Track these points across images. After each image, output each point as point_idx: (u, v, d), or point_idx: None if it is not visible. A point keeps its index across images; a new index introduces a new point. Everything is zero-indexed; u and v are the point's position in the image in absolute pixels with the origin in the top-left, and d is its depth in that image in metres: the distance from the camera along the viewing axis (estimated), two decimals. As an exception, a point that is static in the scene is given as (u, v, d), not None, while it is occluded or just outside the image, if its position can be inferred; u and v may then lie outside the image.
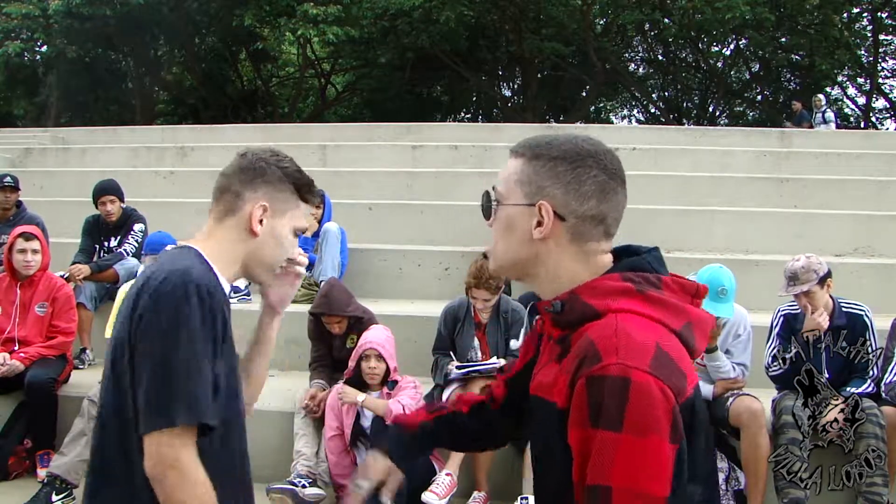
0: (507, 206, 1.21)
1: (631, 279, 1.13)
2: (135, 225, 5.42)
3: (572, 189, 1.15)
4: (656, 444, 1.00)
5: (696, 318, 1.15)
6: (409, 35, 19.22)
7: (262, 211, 1.53)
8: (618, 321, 1.08)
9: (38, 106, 22.62)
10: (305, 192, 1.60)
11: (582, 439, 1.03)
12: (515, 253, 1.21)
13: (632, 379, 1.01)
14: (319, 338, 4.24)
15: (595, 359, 1.04)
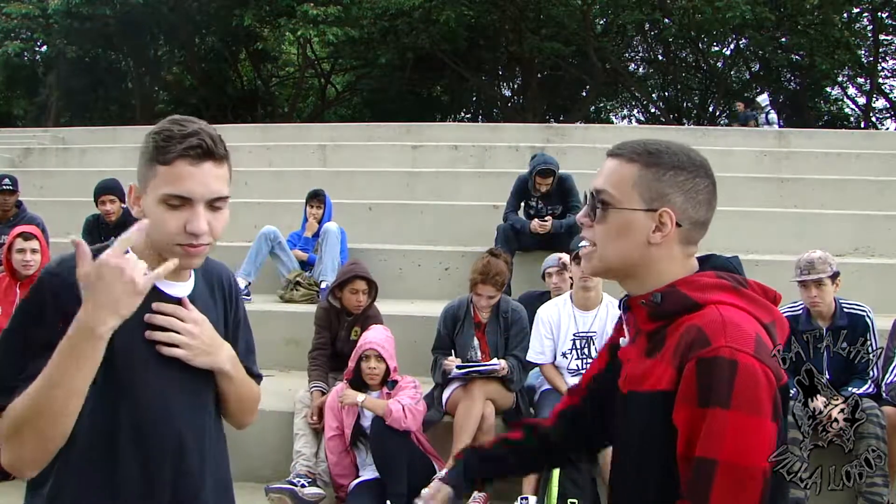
0: (623, 211, 1.24)
1: (725, 277, 1.23)
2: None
3: (690, 197, 1.23)
4: (761, 422, 1.10)
5: (779, 318, 1.25)
6: (409, 35, 19.23)
7: (134, 193, 1.37)
8: (720, 311, 1.16)
9: (38, 106, 22.62)
10: (157, 151, 1.31)
11: (691, 416, 1.10)
12: (627, 255, 1.25)
13: (739, 361, 1.09)
14: (327, 325, 4.26)
15: (704, 342, 1.11)
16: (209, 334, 1.43)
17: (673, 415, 1.12)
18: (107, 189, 5.45)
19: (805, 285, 3.71)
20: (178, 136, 1.31)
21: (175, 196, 1.31)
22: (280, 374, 4.82)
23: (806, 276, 3.69)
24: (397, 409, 3.58)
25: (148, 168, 1.33)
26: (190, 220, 1.32)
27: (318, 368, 4.14)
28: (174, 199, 1.31)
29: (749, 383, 1.09)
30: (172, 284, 1.41)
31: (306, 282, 5.44)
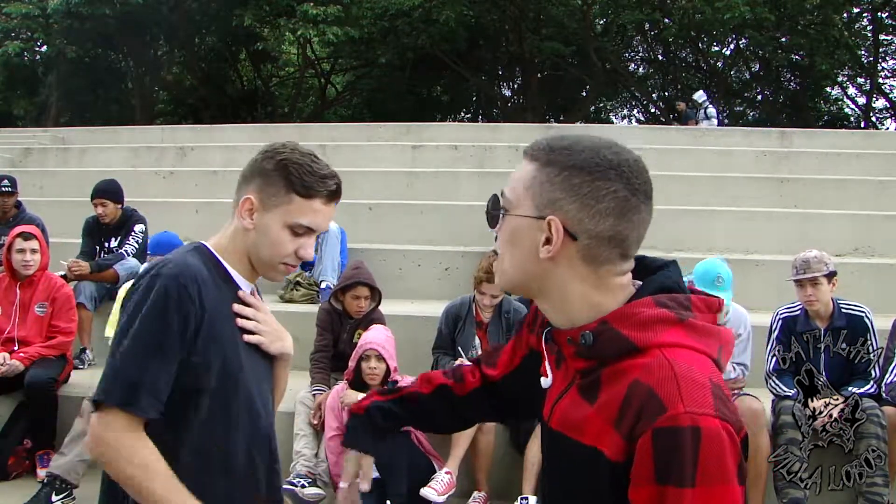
0: (514, 217, 1.08)
1: (665, 304, 1.02)
2: (135, 226, 5.41)
3: (587, 205, 1.02)
4: (729, 490, 0.96)
5: (726, 339, 1.08)
6: (409, 35, 19.22)
7: (248, 204, 1.48)
8: (669, 360, 0.98)
9: (38, 106, 22.63)
10: (299, 184, 1.46)
11: (650, 496, 0.95)
12: (522, 269, 1.08)
13: (701, 427, 0.93)
14: (329, 327, 4.25)
15: (659, 409, 0.95)
16: (276, 323, 1.61)
17: (630, 493, 0.98)
18: (100, 192, 5.35)
19: (801, 284, 3.71)
20: (319, 176, 1.48)
21: (305, 227, 1.48)
22: (280, 374, 4.82)
23: (801, 275, 3.69)
24: (397, 409, 3.58)
25: (281, 193, 1.46)
26: (303, 246, 1.50)
27: (320, 371, 4.13)
28: (301, 229, 1.48)
29: (714, 453, 0.94)
30: (247, 285, 1.56)
31: (306, 282, 5.44)
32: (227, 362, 1.44)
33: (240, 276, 1.53)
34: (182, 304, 1.37)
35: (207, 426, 1.43)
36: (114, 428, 1.34)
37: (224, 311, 1.47)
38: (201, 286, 1.40)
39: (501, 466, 3.84)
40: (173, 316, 1.36)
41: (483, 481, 3.75)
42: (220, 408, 1.44)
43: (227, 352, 1.45)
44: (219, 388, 1.43)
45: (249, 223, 1.48)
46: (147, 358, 1.35)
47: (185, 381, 1.39)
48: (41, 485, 3.77)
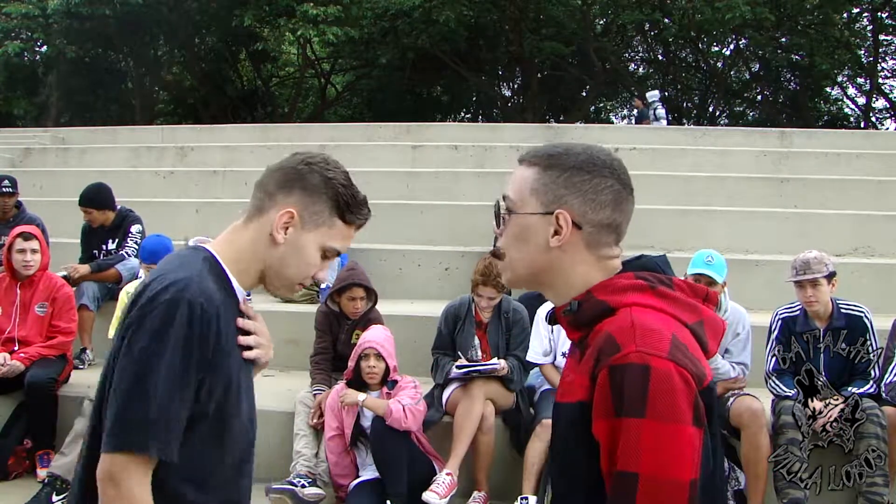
0: (522, 216, 1.21)
1: (643, 277, 1.16)
2: (132, 227, 5.36)
3: (589, 198, 1.18)
4: (680, 429, 1.02)
5: (709, 317, 1.17)
6: (409, 35, 19.21)
7: (287, 218, 1.38)
8: (633, 313, 1.10)
9: (38, 106, 22.61)
10: (346, 210, 1.43)
11: (608, 429, 1.05)
12: (531, 261, 1.21)
13: (651, 366, 1.03)
14: (327, 329, 4.25)
15: (614, 349, 1.06)
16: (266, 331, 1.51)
17: (592, 428, 1.07)
18: (83, 201, 5.27)
19: (801, 285, 3.70)
20: (360, 202, 1.46)
21: (336, 252, 1.45)
22: (280, 374, 4.82)
23: (801, 276, 3.68)
24: (397, 409, 3.58)
25: (325, 214, 1.42)
26: (323, 269, 1.47)
27: (321, 373, 4.13)
28: (332, 252, 1.45)
29: (664, 389, 1.02)
30: (242, 292, 1.46)
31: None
32: (230, 386, 1.37)
33: (238, 286, 1.43)
34: (204, 336, 1.29)
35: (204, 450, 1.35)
36: (132, 474, 1.25)
37: (232, 335, 1.38)
38: (220, 313, 1.32)
39: (501, 466, 3.84)
40: (196, 349, 1.28)
41: (483, 481, 3.75)
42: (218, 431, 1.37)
43: (231, 374, 1.37)
44: (218, 411, 1.35)
45: (283, 237, 1.39)
46: (172, 396, 1.26)
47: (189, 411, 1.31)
48: (41, 485, 3.78)
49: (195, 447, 1.33)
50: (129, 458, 1.25)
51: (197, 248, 1.44)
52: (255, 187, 1.45)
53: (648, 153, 8.77)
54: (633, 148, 8.77)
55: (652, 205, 6.60)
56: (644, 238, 6.18)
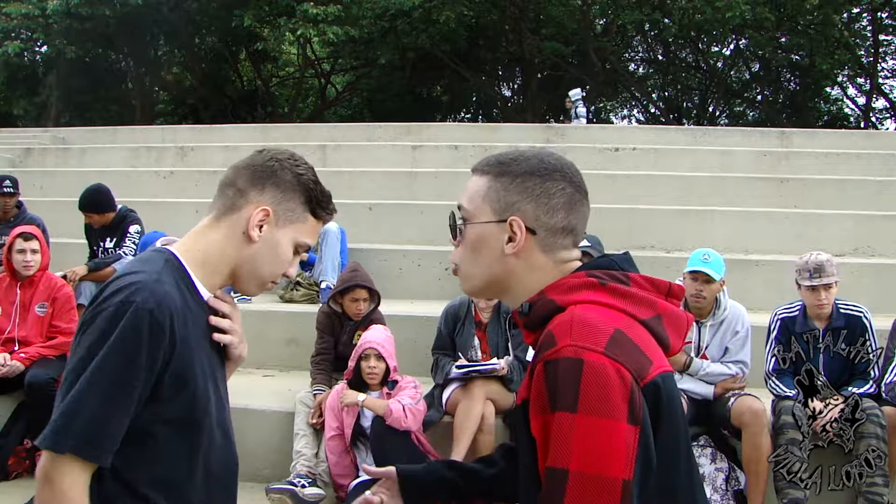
0: (476, 225, 1.21)
1: (595, 275, 1.15)
2: (130, 227, 5.34)
3: (542, 203, 1.17)
4: (614, 426, 0.99)
5: (668, 311, 1.15)
6: (409, 35, 19.22)
7: (262, 215, 1.39)
8: (575, 311, 1.09)
9: (38, 106, 22.60)
10: (318, 205, 1.44)
11: (542, 424, 1.03)
12: (488, 270, 1.21)
13: (585, 360, 1.01)
14: (329, 330, 4.25)
15: (550, 343, 1.06)
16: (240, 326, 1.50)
17: (531, 425, 1.06)
18: (82, 206, 5.26)
19: (814, 289, 3.67)
20: (329, 198, 1.47)
21: (307, 247, 1.47)
22: (280, 374, 4.83)
23: (817, 280, 3.64)
24: (397, 409, 3.58)
25: (299, 211, 1.43)
26: (293, 265, 1.47)
27: (321, 373, 4.13)
28: (303, 248, 1.46)
29: (597, 383, 0.99)
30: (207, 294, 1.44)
31: (306, 282, 5.45)
32: (193, 393, 1.33)
33: (204, 288, 1.41)
34: (154, 340, 1.25)
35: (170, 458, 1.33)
36: (65, 474, 1.23)
37: (192, 338, 1.34)
38: (175, 317, 1.28)
39: (501, 466, 3.84)
40: (143, 354, 1.24)
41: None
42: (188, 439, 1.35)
43: (196, 380, 1.34)
44: (185, 418, 1.33)
45: (258, 235, 1.39)
46: (108, 402, 1.22)
47: (147, 416, 1.28)
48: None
49: (163, 454, 1.32)
50: (61, 459, 1.23)
51: (161, 250, 1.42)
52: (222, 185, 1.43)
53: (648, 153, 8.77)
54: (633, 148, 8.77)
55: (652, 205, 6.61)
56: (644, 238, 6.18)
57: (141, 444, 1.30)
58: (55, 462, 1.24)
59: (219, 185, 1.45)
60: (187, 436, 1.35)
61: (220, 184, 1.44)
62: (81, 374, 1.24)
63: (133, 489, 1.30)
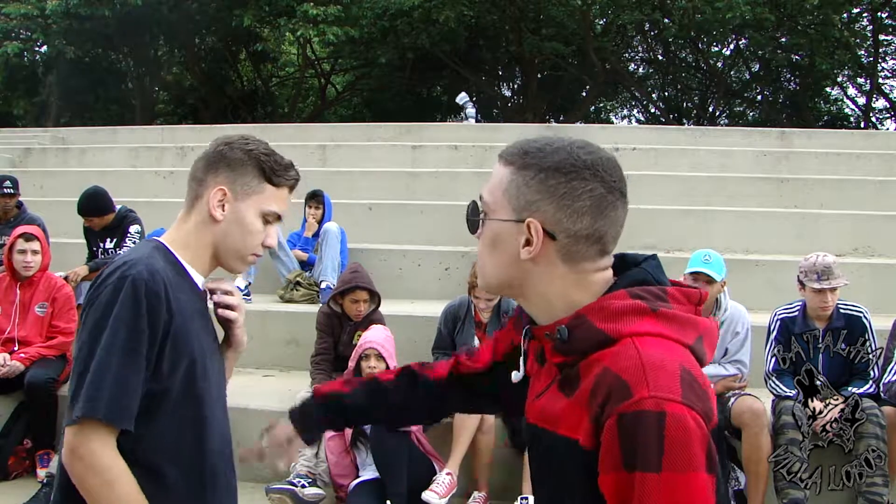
0: (494, 221, 1.10)
1: (639, 296, 1.04)
2: (130, 227, 5.32)
3: (565, 205, 1.04)
4: (696, 478, 0.95)
5: (705, 328, 1.09)
6: (409, 35, 19.20)
7: (220, 195, 1.48)
8: (638, 348, 0.99)
9: (38, 106, 22.60)
10: (272, 173, 1.50)
11: (617, 483, 0.96)
12: (504, 272, 1.11)
13: (667, 412, 0.94)
14: (329, 330, 4.25)
15: (625, 394, 0.96)
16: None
17: (598, 479, 0.99)
18: (82, 211, 5.23)
19: (821, 291, 3.66)
20: (285, 166, 1.53)
21: (276, 214, 1.52)
22: (280, 374, 4.83)
23: (826, 283, 3.64)
24: (397, 409, 3.58)
25: (254, 183, 1.49)
26: (270, 235, 1.54)
27: (321, 373, 4.14)
28: (272, 216, 1.51)
29: (680, 438, 0.94)
30: (201, 279, 1.54)
31: (306, 282, 5.44)
32: (192, 365, 1.43)
33: (195, 272, 1.51)
34: (153, 308, 1.35)
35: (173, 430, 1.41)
36: (91, 441, 1.32)
37: (187, 311, 1.44)
38: (169, 288, 1.38)
39: (501, 466, 3.84)
40: (144, 321, 1.34)
41: (483, 481, 3.75)
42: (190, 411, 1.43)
43: (193, 352, 1.43)
44: (186, 390, 1.42)
45: (221, 214, 1.48)
46: (123, 367, 1.32)
47: (153, 387, 1.37)
48: (41, 485, 3.78)
49: (168, 426, 1.40)
50: (85, 428, 1.32)
51: (149, 240, 1.55)
52: (188, 180, 1.54)
53: (648, 153, 8.77)
54: (633, 148, 8.77)
55: (652, 205, 6.60)
56: (644, 238, 6.18)
57: (148, 416, 1.37)
58: (83, 435, 1.32)
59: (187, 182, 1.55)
60: (190, 407, 1.43)
61: (187, 180, 1.54)
62: (93, 347, 1.33)
63: (144, 460, 1.37)
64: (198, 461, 1.45)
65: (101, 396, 1.30)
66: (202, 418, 1.45)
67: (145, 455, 1.38)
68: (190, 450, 1.44)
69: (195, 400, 1.44)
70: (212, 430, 1.47)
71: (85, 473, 1.32)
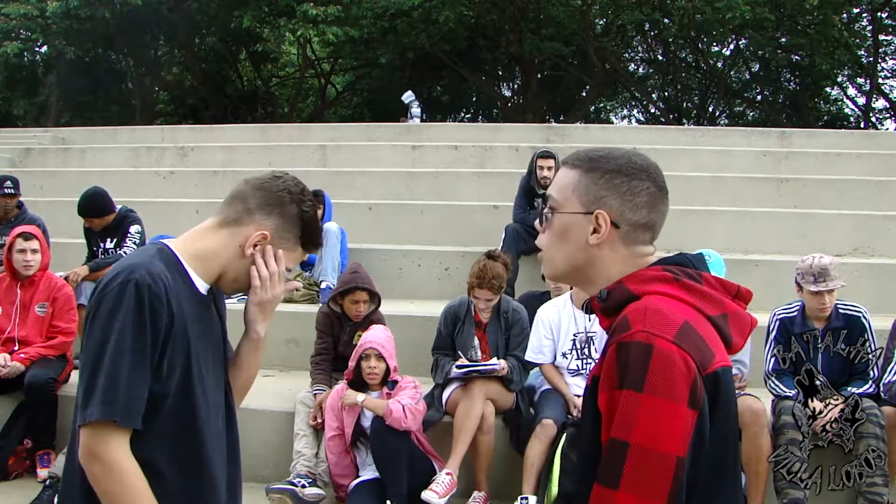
0: (564, 214, 1.29)
1: (670, 270, 1.23)
2: (131, 227, 5.29)
3: (627, 199, 1.26)
4: (675, 408, 1.08)
5: (734, 311, 1.23)
6: (409, 35, 19.19)
7: (260, 238, 1.53)
8: (649, 300, 1.18)
9: (38, 106, 22.60)
10: (309, 242, 1.61)
11: (609, 399, 1.12)
12: (572, 258, 1.29)
13: (655, 345, 1.10)
14: (328, 331, 4.25)
15: (625, 327, 1.14)
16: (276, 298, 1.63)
17: (598, 399, 1.16)
18: (82, 212, 5.21)
19: (818, 293, 3.66)
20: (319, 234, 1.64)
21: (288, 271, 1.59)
22: (280, 374, 4.83)
23: (822, 285, 3.63)
24: (397, 409, 3.58)
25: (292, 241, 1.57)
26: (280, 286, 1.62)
27: (321, 373, 4.13)
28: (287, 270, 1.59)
29: (663, 367, 1.09)
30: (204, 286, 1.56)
31: (306, 282, 5.44)
32: (189, 366, 1.46)
33: (199, 279, 1.54)
34: (155, 310, 1.39)
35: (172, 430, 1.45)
36: (109, 443, 1.36)
37: (187, 315, 1.47)
38: (170, 292, 1.42)
39: (501, 466, 3.84)
40: (147, 323, 1.38)
41: (483, 481, 3.75)
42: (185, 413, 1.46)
43: (189, 355, 1.46)
44: (181, 391, 1.45)
45: (251, 251, 1.53)
46: (133, 370, 1.36)
47: (153, 386, 1.41)
48: (43, 486, 3.78)
49: (167, 426, 1.43)
50: (99, 429, 1.36)
51: (154, 242, 1.57)
52: (234, 196, 1.56)
53: (648, 153, 8.66)
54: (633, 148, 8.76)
55: (652, 205, 6.59)
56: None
57: (149, 416, 1.40)
58: (100, 437, 1.36)
59: (231, 194, 1.57)
60: (186, 410, 1.46)
61: (232, 194, 1.57)
62: (101, 352, 1.36)
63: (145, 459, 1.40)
64: (195, 463, 1.48)
65: (116, 400, 1.35)
66: (198, 421, 1.48)
67: (145, 454, 1.41)
68: (188, 451, 1.47)
69: (191, 403, 1.47)
70: (209, 433, 1.50)
71: (102, 474, 1.37)
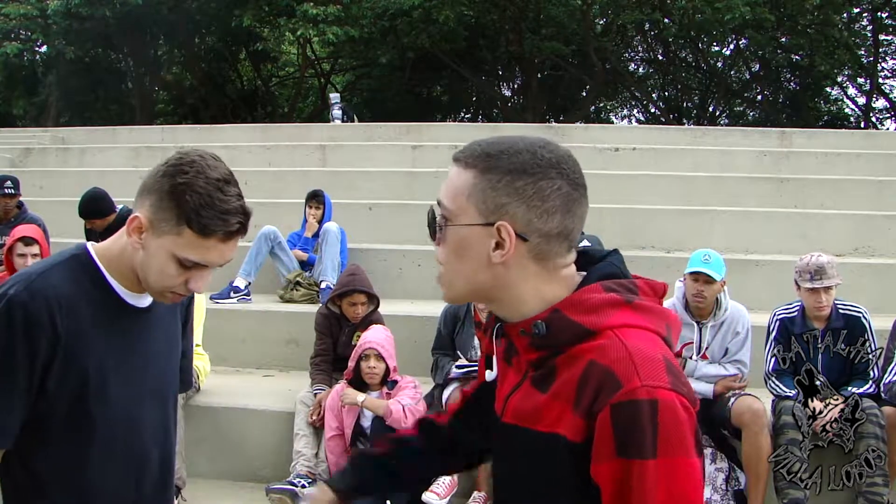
0: (460, 227, 1.06)
1: (613, 289, 1.05)
2: None
3: (535, 205, 1.03)
4: (688, 463, 0.98)
5: (673, 319, 1.10)
6: (409, 35, 19.20)
7: (136, 223, 1.33)
8: (623, 340, 1.01)
9: (38, 106, 22.61)
10: (194, 219, 1.29)
11: (613, 471, 0.97)
12: (472, 278, 1.08)
13: (658, 399, 0.96)
14: (327, 331, 4.24)
15: (616, 385, 0.97)
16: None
17: (592, 471, 0.99)
18: (83, 213, 5.24)
19: (815, 291, 3.66)
20: (219, 211, 1.30)
21: (195, 263, 1.33)
22: (280, 374, 4.83)
23: (818, 283, 3.63)
24: (397, 409, 3.58)
25: (172, 222, 1.30)
26: (195, 280, 1.35)
27: (321, 373, 4.13)
28: (190, 263, 1.32)
29: (672, 423, 0.96)
30: (137, 297, 1.43)
31: (306, 282, 5.44)
32: (84, 385, 1.35)
33: (122, 288, 1.41)
34: (30, 331, 1.28)
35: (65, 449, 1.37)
36: None
37: (95, 327, 1.35)
38: (56, 310, 1.29)
39: (501, 466, 3.84)
40: (18, 345, 1.27)
41: (483, 481, 3.75)
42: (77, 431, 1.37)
43: (87, 367, 1.35)
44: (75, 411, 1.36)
45: (137, 242, 1.34)
46: None
47: (40, 407, 1.32)
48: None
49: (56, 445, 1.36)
50: None
51: (76, 246, 1.44)
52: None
53: (648, 153, 8.77)
54: (633, 148, 8.77)
55: (652, 205, 6.60)
56: (644, 238, 6.18)
57: (36, 435, 1.34)
58: None
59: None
60: (80, 428, 1.37)
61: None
62: None
63: (35, 478, 1.36)
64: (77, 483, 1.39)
65: None
66: (92, 439, 1.38)
67: (32, 470, 1.36)
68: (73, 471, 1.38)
69: (87, 419, 1.37)
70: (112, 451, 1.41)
71: None
